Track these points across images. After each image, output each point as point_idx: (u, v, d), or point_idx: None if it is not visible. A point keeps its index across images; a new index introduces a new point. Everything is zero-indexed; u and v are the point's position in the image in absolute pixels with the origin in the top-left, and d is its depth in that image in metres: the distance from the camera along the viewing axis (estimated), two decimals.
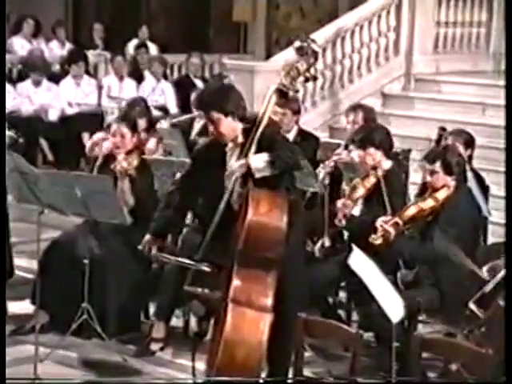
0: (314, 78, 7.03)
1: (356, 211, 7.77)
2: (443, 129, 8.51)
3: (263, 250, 6.29)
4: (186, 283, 6.68)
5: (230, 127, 6.68)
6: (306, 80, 6.87)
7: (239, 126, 6.71)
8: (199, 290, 6.60)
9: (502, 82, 13.30)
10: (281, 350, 6.36)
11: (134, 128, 8.37)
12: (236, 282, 6.28)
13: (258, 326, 6.21)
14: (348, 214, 7.63)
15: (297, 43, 6.81)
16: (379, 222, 7.22)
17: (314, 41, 6.84)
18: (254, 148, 6.54)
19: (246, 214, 6.30)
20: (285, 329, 6.15)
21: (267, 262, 6.31)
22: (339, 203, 7.66)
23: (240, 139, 6.71)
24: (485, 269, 6.47)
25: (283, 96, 6.70)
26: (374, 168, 7.75)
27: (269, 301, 6.25)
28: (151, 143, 9.24)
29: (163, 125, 8.89)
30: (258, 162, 6.45)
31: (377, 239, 7.17)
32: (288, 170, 6.62)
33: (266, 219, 6.32)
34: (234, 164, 6.57)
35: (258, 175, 6.45)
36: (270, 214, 6.33)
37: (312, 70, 6.77)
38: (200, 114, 8.40)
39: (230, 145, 6.75)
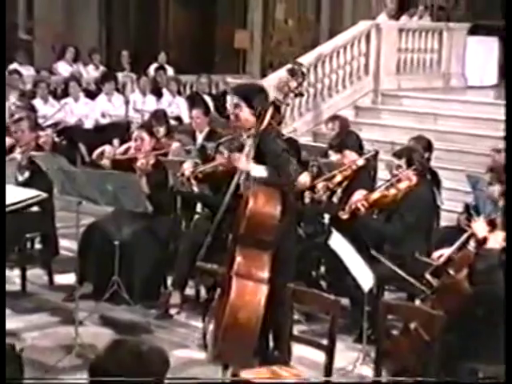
0: (302, 94, 7.01)
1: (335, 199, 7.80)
2: None
3: (261, 234, 6.27)
4: (198, 260, 6.66)
5: (247, 119, 6.59)
6: (296, 95, 6.83)
7: (252, 120, 6.62)
8: (209, 265, 6.59)
9: (451, 97, 13.34)
10: (277, 314, 6.33)
11: (151, 133, 8.35)
12: (239, 260, 6.28)
13: (256, 294, 6.21)
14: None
15: (288, 66, 6.79)
16: (349, 201, 7.26)
17: (302, 64, 6.82)
18: (253, 141, 6.48)
19: (247, 204, 6.28)
20: (279, 297, 6.13)
21: (264, 243, 6.30)
22: (319, 186, 7.68)
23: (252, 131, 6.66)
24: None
25: (277, 108, 6.66)
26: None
27: (265, 274, 6.25)
28: (175, 146, 9.19)
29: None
30: (258, 172, 6.40)
31: (344, 214, 7.20)
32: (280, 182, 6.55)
33: (264, 208, 6.30)
34: (242, 161, 6.48)
35: (258, 179, 6.42)
36: (267, 204, 6.31)
37: (300, 88, 6.74)
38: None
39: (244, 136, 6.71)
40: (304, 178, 7.30)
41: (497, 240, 5.62)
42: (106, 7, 18.66)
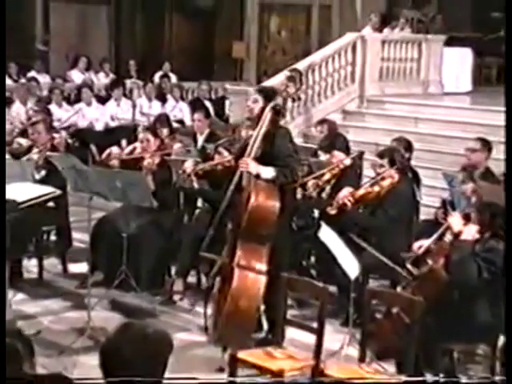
0: (299, 98, 7.00)
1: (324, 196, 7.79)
2: None
3: (261, 228, 6.28)
4: (202, 250, 6.64)
5: (259, 109, 6.58)
6: (293, 100, 6.83)
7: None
8: (211, 255, 6.58)
9: (429, 102, 13.34)
10: (272, 300, 6.33)
11: (156, 135, 8.35)
12: (240, 252, 6.29)
13: (256, 284, 6.24)
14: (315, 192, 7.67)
15: (287, 73, 6.77)
16: (336, 197, 7.25)
17: (300, 71, 6.80)
18: (258, 142, 6.46)
19: (248, 200, 6.28)
20: (274, 285, 6.14)
21: (263, 237, 6.31)
22: (309, 183, 7.66)
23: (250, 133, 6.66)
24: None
25: (276, 111, 6.64)
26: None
27: (264, 266, 6.27)
28: (177, 146, 9.17)
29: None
30: (267, 174, 6.38)
31: (332, 210, 7.19)
32: (287, 181, 6.54)
33: (264, 205, 6.30)
34: (251, 165, 6.43)
35: (264, 178, 6.40)
36: (267, 200, 6.31)
37: (298, 93, 6.74)
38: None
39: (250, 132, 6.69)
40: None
41: (470, 233, 5.63)
42: (116, 21, 18.66)
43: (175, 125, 13.64)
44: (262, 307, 6.53)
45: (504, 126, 7.27)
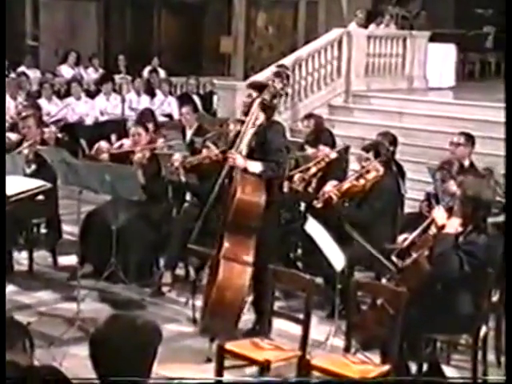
0: (286, 94, 6.99)
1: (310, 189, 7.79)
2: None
3: (247, 221, 6.28)
4: (190, 242, 6.64)
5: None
6: (281, 96, 6.82)
7: (261, 113, 6.61)
8: (199, 248, 6.58)
9: (414, 97, 13.37)
10: (260, 292, 6.35)
11: (146, 129, 8.34)
12: (226, 244, 6.29)
13: (242, 275, 6.25)
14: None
15: (274, 69, 6.75)
16: (321, 191, 7.26)
17: (287, 67, 6.80)
18: (247, 137, 6.46)
19: (234, 194, 6.28)
20: (261, 277, 6.15)
21: (249, 229, 6.31)
22: (296, 177, 7.66)
23: (238, 127, 6.66)
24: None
25: (264, 107, 6.64)
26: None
27: (250, 258, 6.27)
28: (161, 141, 9.15)
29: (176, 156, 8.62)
30: (255, 169, 6.38)
31: (318, 203, 7.20)
32: (274, 175, 6.53)
33: (250, 198, 6.30)
34: (238, 159, 6.42)
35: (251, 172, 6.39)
36: (253, 193, 6.31)
37: (286, 88, 6.73)
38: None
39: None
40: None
41: (453, 226, 5.66)
42: (105, 16, 18.60)
43: (164, 119, 13.68)
44: (250, 299, 6.54)
45: (504, 123, 7.29)
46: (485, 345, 5.83)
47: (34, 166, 8.09)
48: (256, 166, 6.37)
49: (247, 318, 6.59)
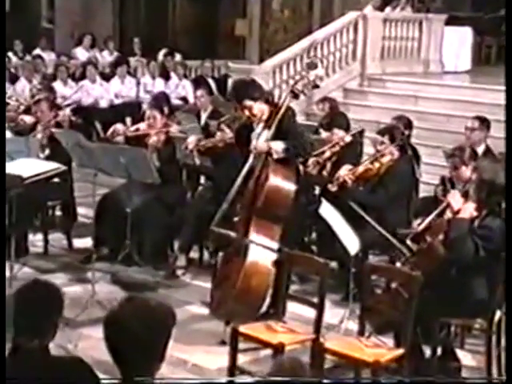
0: (317, 86, 6.99)
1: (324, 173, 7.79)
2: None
3: (277, 209, 6.31)
4: (213, 225, 6.60)
5: (260, 109, 6.59)
6: (312, 87, 6.82)
7: (266, 107, 6.62)
8: (222, 231, 6.54)
9: (430, 81, 13.31)
10: (277, 276, 6.35)
11: (162, 112, 8.31)
12: (254, 229, 6.30)
13: (268, 262, 6.27)
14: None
15: (307, 60, 6.76)
16: (336, 175, 7.24)
17: (317, 58, 6.81)
18: (273, 128, 6.46)
19: (266, 181, 6.28)
20: (281, 262, 6.16)
21: (277, 217, 6.33)
22: (310, 161, 7.64)
23: (264, 117, 6.62)
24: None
25: (295, 97, 6.66)
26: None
27: (276, 244, 6.29)
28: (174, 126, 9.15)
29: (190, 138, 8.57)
30: (277, 147, 6.39)
31: (333, 187, 7.19)
32: (298, 155, 6.54)
33: (282, 186, 6.32)
34: (259, 142, 6.46)
35: (275, 156, 6.39)
36: (284, 182, 6.33)
37: (316, 80, 6.73)
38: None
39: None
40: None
41: (468, 210, 5.63)
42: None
43: (179, 102, 13.67)
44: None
45: (504, 105, 7.24)
46: (499, 329, 5.81)
47: (47, 151, 8.10)
48: (279, 144, 6.37)
49: None
